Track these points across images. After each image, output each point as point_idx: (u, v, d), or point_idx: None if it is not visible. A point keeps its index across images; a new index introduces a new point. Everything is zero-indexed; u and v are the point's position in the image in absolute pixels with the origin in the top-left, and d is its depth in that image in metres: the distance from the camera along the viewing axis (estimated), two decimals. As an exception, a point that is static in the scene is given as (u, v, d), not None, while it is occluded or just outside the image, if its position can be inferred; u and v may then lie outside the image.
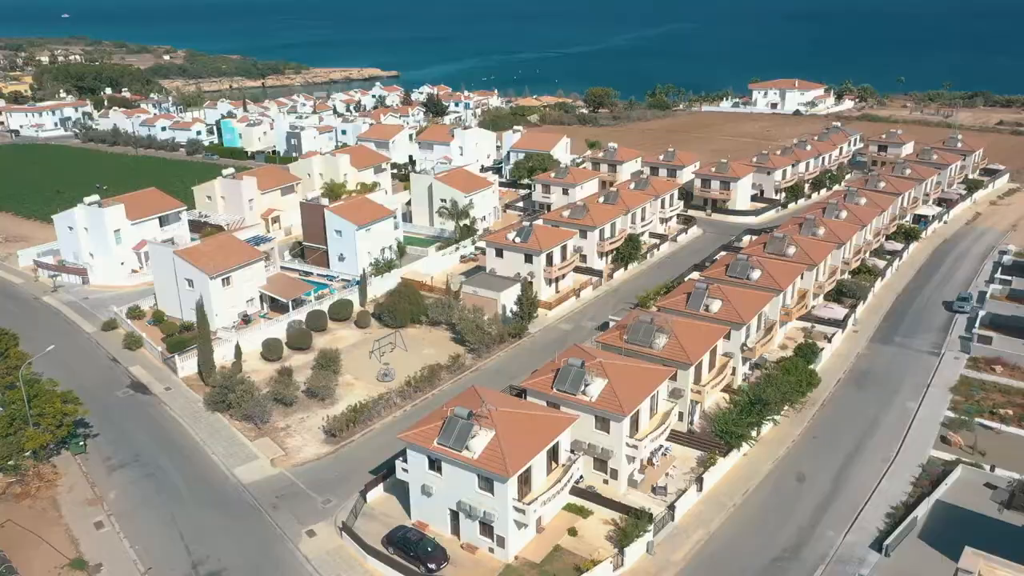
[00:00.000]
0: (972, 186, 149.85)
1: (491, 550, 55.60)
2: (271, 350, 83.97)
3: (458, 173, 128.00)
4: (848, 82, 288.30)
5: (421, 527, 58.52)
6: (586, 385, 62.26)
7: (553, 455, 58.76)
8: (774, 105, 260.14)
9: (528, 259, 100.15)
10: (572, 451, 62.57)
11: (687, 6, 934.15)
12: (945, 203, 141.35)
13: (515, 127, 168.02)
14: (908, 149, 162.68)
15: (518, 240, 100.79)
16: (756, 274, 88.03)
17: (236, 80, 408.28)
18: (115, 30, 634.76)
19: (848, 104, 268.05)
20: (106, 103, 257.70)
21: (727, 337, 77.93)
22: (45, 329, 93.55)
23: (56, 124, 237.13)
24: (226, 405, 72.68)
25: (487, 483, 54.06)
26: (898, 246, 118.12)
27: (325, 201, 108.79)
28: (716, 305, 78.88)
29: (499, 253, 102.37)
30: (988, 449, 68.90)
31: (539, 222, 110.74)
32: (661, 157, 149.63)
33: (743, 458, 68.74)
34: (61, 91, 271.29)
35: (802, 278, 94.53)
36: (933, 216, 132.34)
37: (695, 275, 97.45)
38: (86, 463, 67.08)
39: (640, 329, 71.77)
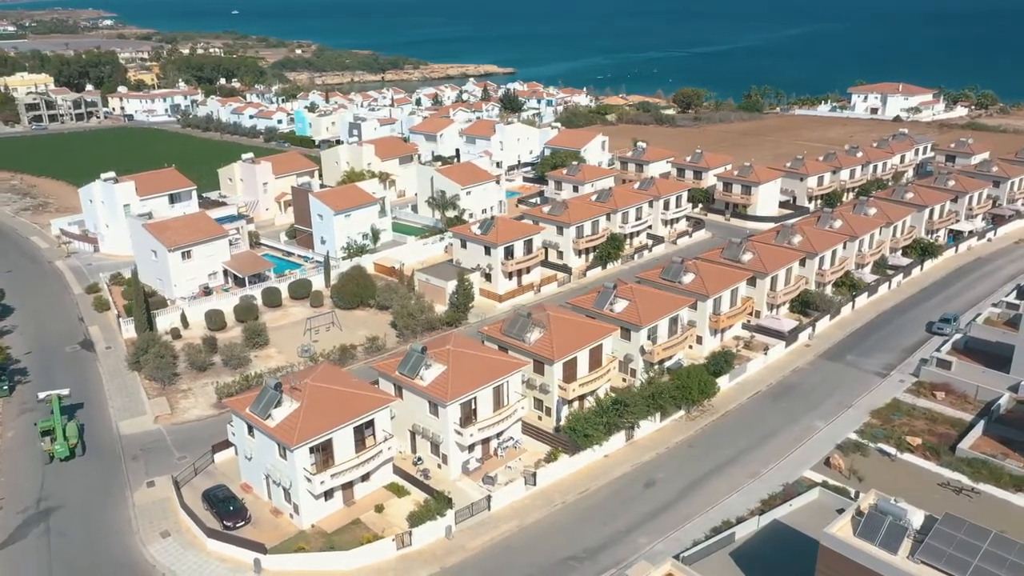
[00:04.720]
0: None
1: (291, 516, 58.35)
2: (212, 321, 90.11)
3: (462, 167, 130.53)
4: (974, 87, 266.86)
5: (246, 489, 62.10)
6: (425, 369, 63.75)
7: (372, 432, 60.53)
8: (874, 110, 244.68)
9: (487, 251, 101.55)
10: (421, 434, 64.41)
11: (842, 6, 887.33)
12: (995, 219, 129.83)
13: (552, 124, 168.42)
14: (979, 159, 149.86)
15: (479, 232, 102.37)
16: (688, 278, 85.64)
17: (358, 74, 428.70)
18: (270, 26, 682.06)
19: (961, 111, 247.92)
20: (217, 92, 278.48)
21: (627, 338, 76.80)
22: (41, 286, 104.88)
23: (166, 111, 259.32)
24: (140, 365, 79.16)
25: (284, 451, 56.82)
26: (906, 261, 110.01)
27: (315, 186, 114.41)
28: (621, 305, 77.73)
29: (464, 244, 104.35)
30: (874, 476, 64.58)
31: (526, 219, 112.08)
32: (688, 158, 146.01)
33: (603, 459, 67.72)
34: (180, 80, 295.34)
35: (754, 285, 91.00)
36: (969, 232, 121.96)
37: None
38: (5, 405, 75.30)
39: (517, 323, 72.16)
